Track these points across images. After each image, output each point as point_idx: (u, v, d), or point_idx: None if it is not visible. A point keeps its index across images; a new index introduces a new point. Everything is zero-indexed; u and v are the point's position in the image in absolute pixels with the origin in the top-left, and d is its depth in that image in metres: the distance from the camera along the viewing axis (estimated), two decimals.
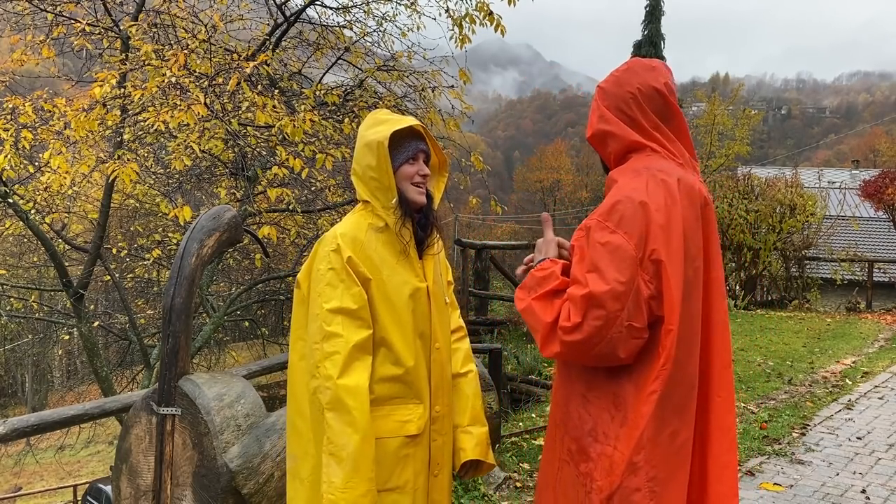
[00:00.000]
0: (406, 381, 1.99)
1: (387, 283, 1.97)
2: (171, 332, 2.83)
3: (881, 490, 4.12)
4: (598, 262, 1.68)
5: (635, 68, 1.88)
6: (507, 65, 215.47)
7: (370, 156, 2.00)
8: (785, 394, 6.43)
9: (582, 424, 1.79)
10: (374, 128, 2.03)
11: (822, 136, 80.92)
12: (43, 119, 6.42)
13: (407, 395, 2.00)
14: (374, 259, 1.97)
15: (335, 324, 1.89)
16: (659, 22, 33.35)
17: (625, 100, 1.85)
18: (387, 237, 2.01)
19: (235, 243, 3.15)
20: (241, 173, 6.68)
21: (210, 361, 11.62)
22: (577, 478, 1.79)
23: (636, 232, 1.68)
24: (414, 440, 1.99)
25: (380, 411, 1.96)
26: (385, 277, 1.97)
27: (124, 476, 2.98)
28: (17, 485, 17.04)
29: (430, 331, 2.04)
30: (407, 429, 1.98)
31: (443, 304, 2.12)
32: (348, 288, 1.91)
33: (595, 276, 1.67)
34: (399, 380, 1.98)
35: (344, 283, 1.91)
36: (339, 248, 1.93)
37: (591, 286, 1.66)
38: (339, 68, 7.44)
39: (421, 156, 2.07)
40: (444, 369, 2.09)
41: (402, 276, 2.00)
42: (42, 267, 10.74)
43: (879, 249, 19.45)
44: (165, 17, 6.23)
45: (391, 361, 1.97)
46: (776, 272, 13.98)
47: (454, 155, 7.25)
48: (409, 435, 1.98)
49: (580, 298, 1.67)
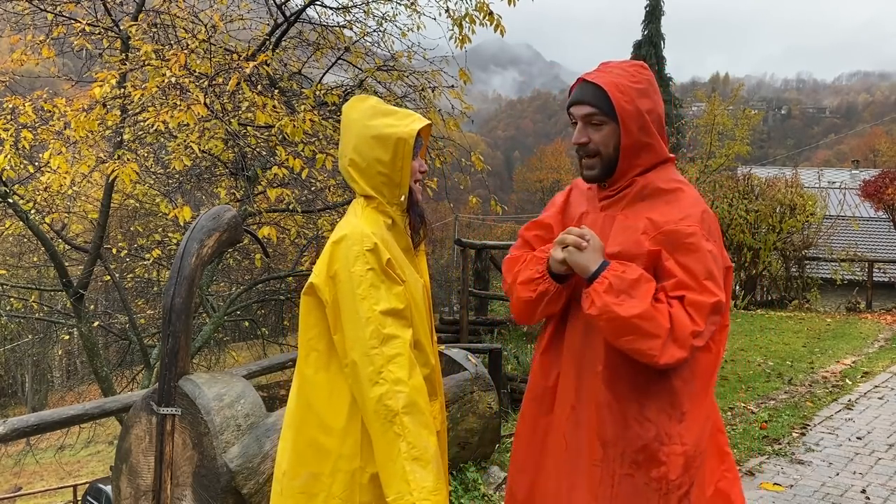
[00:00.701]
0: (432, 380, 1.96)
1: (409, 282, 1.93)
2: (171, 332, 2.83)
3: (881, 490, 4.12)
4: (712, 269, 1.75)
5: (655, 84, 1.93)
6: (507, 65, 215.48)
7: (381, 150, 1.90)
8: (785, 394, 6.43)
9: (646, 433, 1.80)
10: (382, 119, 1.92)
11: (822, 136, 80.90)
12: (43, 119, 6.43)
13: (432, 392, 1.96)
14: (395, 257, 1.91)
15: (389, 325, 1.80)
16: (659, 22, 33.39)
17: (660, 117, 1.90)
18: (394, 234, 1.96)
19: (235, 243, 3.15)
20: (241, 173, 6.68)
21: (210, 361, 11.61)
22: (649, 484, 1.81)
23: (720, 242, 1.85)
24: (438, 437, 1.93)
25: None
26: (407, 275, 1.93)
27: (124, 476, 2.98)
28: (17, 485, 17.04)
29: (430, 327, 2.04)
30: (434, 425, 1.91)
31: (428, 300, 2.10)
32: (390, 288, 1.83)
33: (713, 283, 1.74)
34: (428, 378, 1.93)
35: (385, 284, 1.83)
36: (377, 248, 1.84)
37: (719, 294, 1.74)
38: (339, 68, 7.44)
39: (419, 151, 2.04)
40: (440, 366, 2.10)
41: (414, 274, 1.98)
42: (42, 267, 10.74)
43: (879, 249, 19.44)
44: (165, 17, 6.23)
45: (422, 361, 1.92)
46: (776, 272, 13.98)
47: (454, 155, 7.26)
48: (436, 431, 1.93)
49: (710, 306, 1.72)
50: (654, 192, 1.87)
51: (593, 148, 1.87)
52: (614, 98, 1.83)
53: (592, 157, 1.88)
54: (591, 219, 1.94)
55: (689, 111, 30.05)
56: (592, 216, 1.95)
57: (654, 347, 1.70)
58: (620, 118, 1.83)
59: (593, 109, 1.85)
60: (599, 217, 1.92)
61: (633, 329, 1.70)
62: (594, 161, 1.88)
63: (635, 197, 1.88)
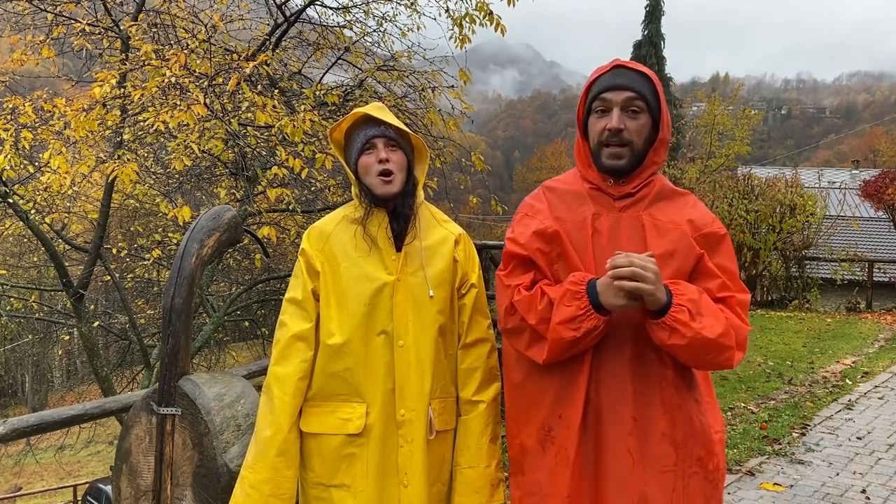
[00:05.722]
0: (347, 379, 1.90)
1: (343, 276, 1.91)
2: (171, 332, 2.83)
3: (881, 490, 4.11)
4: (737, 268, 1.82)
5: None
6: (506, 64, 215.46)
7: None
8: (785, 394, 6.43)
9: (708, 429, 1.82)
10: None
11: (822, 136, 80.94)
12: (43, 119, 6.42)
13: (350, 392, 1.91)
14: (335, 251, 1.94)
15: (285, 313, 1.95)
16: (659, 22, 33.41)
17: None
18: (357, 229, 1.96)
19: (235, 243, 3.15)
20: (241, 173, 6.68)
21: (210, 361, 11.62)
22: (707, 477, 1.81)
23: None
24: (355, 440, 1.90)
25: (325, 406, 1.93)
26: (343, 270, 1.92)
27: (124, 476, 2.98)
28: (17, 485, 17.06)
29: (391, 328, 1.91)
30: (347, 427, 1.90)
31: (422, 299, 1.93)
32: (300, 279, 1.96)
33: (740, 281, 1.82)
34: (340, 376, 1.90)
35: (302, 276, 1.95)
36: (306, 242, 1.98)
37: (747, 290, 1.82)
38: (339, 68, 7.43)
39: (378, 142, 1.93)
40: (414, 370, 1.91)
41: (363, 270, 1.91)
42: (42, 267, 10.73)
43: (879, 249, 19.42)
44: (165, 17, 6.23)
45: (335, 357, 1.90)
46: (776, 272, 13.98)
47: (454, 155, 7.25)
48: (350, 434, 1.90)
49: (748, 303, 1.79)
50: (670, 194, 1.85)
51: (627, 137, 1.75)
52: (660, 89, 1.79)
53: (623, 146, 1.76)
54: (608, 220, 1.80)
55: (689, 111, 30.05)
56: (609, 217, 1.80)
57: (730, 358, 1.72)
58: (662, 108, 1.79)
59: (635, 95, 1.75)
60: (620, 218, 1.80)
61: (716, 347, 1.69)
62: (624, 150, 1.76)
63: (655, 197, 1.82)
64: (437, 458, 1.97)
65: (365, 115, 1.97)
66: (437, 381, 1.96)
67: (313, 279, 1.94)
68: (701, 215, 1.83)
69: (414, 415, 1.91)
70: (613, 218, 1.80)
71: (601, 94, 1.78)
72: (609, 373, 1.77)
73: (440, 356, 1.97)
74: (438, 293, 1.96)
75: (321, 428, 1.93)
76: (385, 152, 1.93)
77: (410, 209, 1.97)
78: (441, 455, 1.99)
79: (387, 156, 1.92)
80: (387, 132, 1.95)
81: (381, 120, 1.96)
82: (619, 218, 1.80)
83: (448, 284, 2.00)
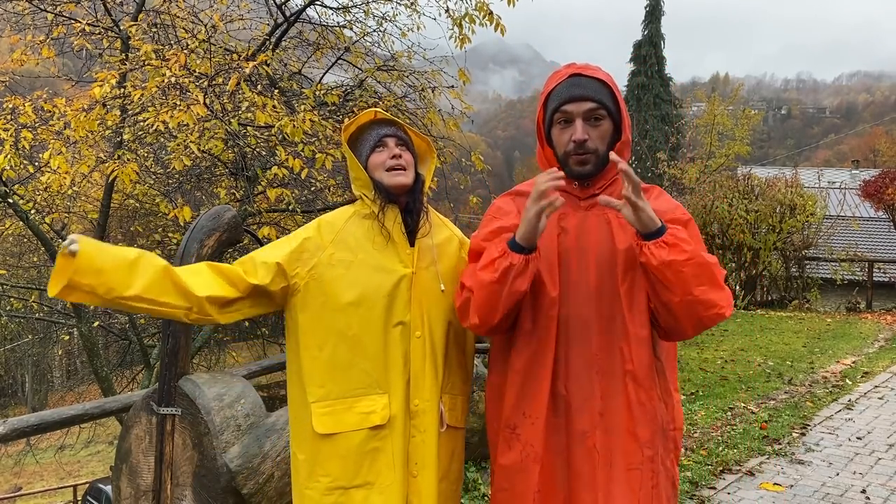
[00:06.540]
0: (368, 371, 1.90)
1: (358, 267, 1.92)
2: (171, 332, 2.83)
3: (881, 490, 4.12)
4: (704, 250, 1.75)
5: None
6: (506, 64, 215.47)
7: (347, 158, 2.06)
8: (785, 394, 6.43)
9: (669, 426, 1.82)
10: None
11: (822, 136, 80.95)
12: (43, 119, 6.41)
13: (369, 385, 1.89)
14: (349, 242, 1.95)
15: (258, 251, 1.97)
16: (659, 22, 33.42)
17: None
18: (372, 224, 1.98)
19: (235, 243, 3.15)
20: (240, 173, 6.67)
21: (210, 361, 11.60)
22: (667, 474, 1.81)
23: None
24: (379, 432, 1.88)
25: (342, 404, 1.88)
26: (360, 259, 1.93)
27: (124, 476, 2.98)
28: (17, 485, 17.06)
29: (409, 319, 1.93)
30: (371, 420, 1.87)
31: (436, 293, 1.96)
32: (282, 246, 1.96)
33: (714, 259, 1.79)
34: (360, 368, 1.89)
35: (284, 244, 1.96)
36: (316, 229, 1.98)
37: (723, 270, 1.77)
38: (339, 68, 7.43)
39: (390, 140, 2.00)
40: (429, 361, 1.94)
41: (379, 262, 1.93)
42: (42, 267, 10.72)
43: (879, 249, 19.43)
44: (165, 17, 6.23)
45: (350, 349, 1.89)
46: (776, 272, 13.98)
47: (454, 155, 7.25)
48: (374, 426, 1.87)
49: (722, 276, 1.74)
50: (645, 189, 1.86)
51: (591, 146, 1.79)
52: (617, 93, 1.82)
53: (589, 153, 1.80)
54: (575, 219, 1.84)
55: (689, 111, 30.07)
56: (576, 217, 1.85)
57: (723, 298, 1.69)
58: (622, 111, 1.82)
59: (596, 105, 1.78)
60: (587, 217, 1.84)
61: (710, 278, 1.67)
62: (590, 157, 1.80)
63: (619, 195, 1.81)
64: (447, 452, 1.99)
65: (374, 117, 2.05)
66: (449, 376, 2.00)
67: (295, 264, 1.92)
68: (664, 205, 1.84)
69: (428, 405, 1.93)
70: (580, 217, 1.85)
71: (561, 107, 1.80)
72: (576, 367, 1.80)
73: (452, 350, 2.01)
74: (449, 289, 2.00)
75: (338, 426, 1.88)
76: (397, 149, 1.99)
77: (422, 204, 2.03)
78: (451, 450, 2.01)
79: (399, 152, 1.99)
80: (398, 132, 2.03)
81: (392, 120, 2.04)
82: (585, 216, 1.85)
83: (457, 282, 2.03)
